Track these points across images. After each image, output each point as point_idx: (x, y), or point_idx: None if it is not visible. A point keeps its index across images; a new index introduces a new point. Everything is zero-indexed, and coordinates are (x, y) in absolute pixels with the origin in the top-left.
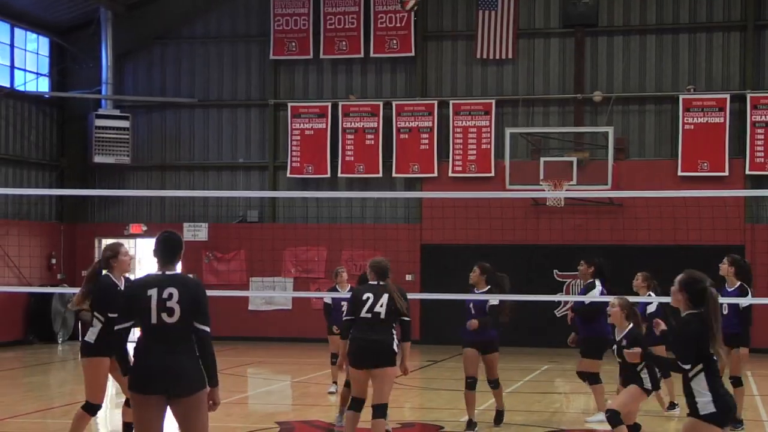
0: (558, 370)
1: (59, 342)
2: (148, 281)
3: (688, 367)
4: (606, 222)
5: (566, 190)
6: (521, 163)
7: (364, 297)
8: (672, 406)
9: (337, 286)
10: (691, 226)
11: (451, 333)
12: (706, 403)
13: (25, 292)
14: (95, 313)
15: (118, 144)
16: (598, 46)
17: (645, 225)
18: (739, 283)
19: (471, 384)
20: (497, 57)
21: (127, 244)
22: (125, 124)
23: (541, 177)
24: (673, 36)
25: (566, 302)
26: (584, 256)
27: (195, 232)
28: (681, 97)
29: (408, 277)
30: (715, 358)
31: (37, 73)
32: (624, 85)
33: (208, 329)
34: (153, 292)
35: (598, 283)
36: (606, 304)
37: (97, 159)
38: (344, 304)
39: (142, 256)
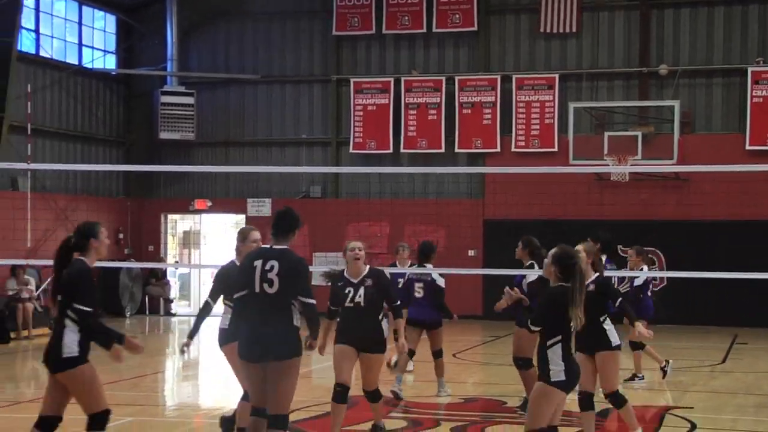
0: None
1: (127, 316)
2: (257, 253)
3: (535, 329)
4: (671, 197)
5: (631, 165)
6: (585, 138)
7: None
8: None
9: (397, 262)
10: (759, 201)
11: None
12: (558, 371)
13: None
14: (225, 300)
15: (183, 120)
16: (664, 19)
17: (712, 200)
18: None
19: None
20: (561, 31)
21: (192, 219)
22: (190, 100)
23: (605, 152)
24: (743, 7)
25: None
26: (648, 230)
27: (259, 207)
28: (750, 70)
29: (470, 253)
30: (573, 330)
31: (104, 51)
32: (691, 58)
33: (312, 301)
34: (258, 263)
35: (602, 258)
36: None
37: (163, 135)
38: (400, 281)
39: (207, 232)
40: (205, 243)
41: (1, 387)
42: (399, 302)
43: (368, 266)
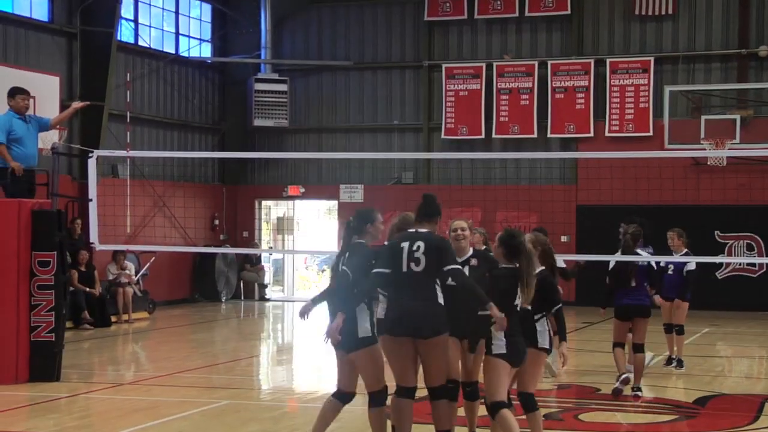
0: (719, 333)
1: (223, 300)
2: (403, 237)
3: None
4: None
5: (729, 149)
6: (681, 122)
7: None
8: (674, 361)
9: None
10: None
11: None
12: (499, 345)
13: (191, 252)
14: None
15: (276, 107)
16: None
17: None
18: None
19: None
20: (656, 12)
21: (286, 205)
22: (283, 87)
23: (702, 136)
24: None
25: (728, 264)
26: (747, 216)
27: (351, 193)
28: None
29: (563, 239)
30: (519, 309)
31: (200, 39)
32: None
33: (456, 266)
34: (405, 245)
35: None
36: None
37: (257, 122)
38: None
39: (301, 217)
40: (299, 229)
41: (103, 369)
42: None
43: (472, 247)
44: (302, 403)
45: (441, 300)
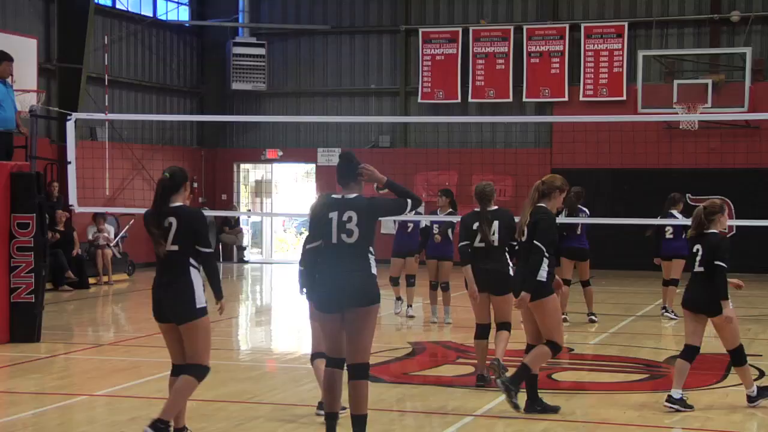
0: None
1: None
2: (330, 205)
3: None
4: (742, 145)
5: (700, 113)
6: (654, 87)
7: (474, 226)
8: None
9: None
10: None
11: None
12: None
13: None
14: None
15: (254, 71)
16: None
17: None
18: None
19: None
20: None
21: (264, 168)
22: (261, 51)
23: (675, 100)
24: None
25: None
26: (718, 179)
27: (328, 157)
28: None
29: None
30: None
31: (177, 2)
32: (764, 4)
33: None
34: (334, 216)
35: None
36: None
37: (235, 86)
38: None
39: (279, 180)
40: (277, 192)
41: (83, 330)
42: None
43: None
44: (281, 363)
45: (374, 270)
